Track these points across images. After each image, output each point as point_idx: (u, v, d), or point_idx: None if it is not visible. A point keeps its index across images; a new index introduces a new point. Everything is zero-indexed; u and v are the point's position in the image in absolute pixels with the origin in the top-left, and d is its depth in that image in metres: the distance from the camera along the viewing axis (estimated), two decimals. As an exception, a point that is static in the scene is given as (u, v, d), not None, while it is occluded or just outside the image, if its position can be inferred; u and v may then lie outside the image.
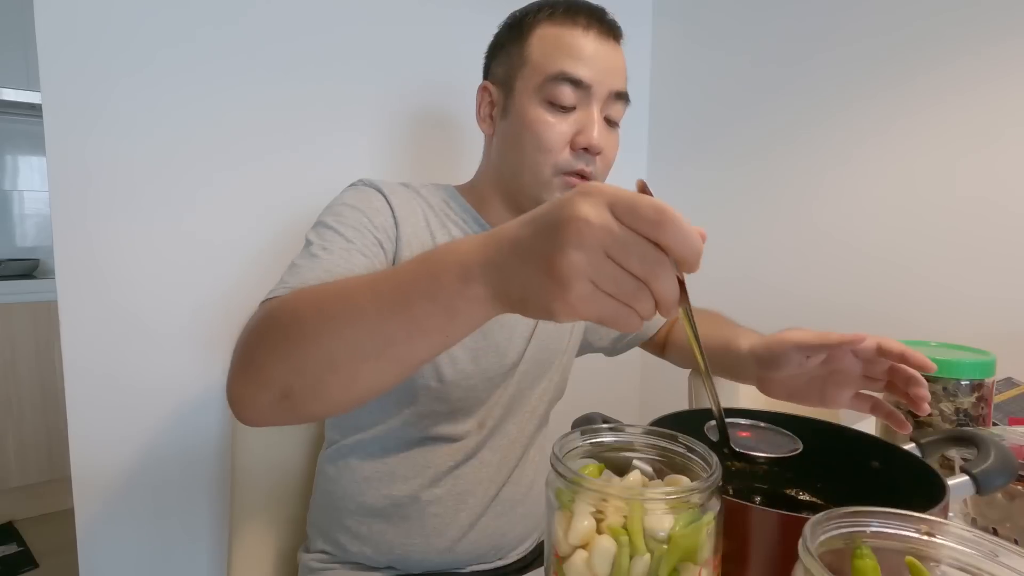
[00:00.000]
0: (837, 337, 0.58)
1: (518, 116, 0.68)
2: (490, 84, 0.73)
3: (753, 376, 0.70)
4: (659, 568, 0.34)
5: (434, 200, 0.74)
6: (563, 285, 0.34)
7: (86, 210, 0.87)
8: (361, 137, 1.11)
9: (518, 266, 0.36)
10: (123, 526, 0.93)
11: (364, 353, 0.43)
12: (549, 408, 0.83)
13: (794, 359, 0.62)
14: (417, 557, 0.70)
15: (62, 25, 0.83)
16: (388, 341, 0.42)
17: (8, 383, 2.03)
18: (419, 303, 0.40)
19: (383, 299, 0.42)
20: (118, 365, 0.90)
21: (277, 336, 0.47)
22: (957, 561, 0.31)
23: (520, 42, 0.69)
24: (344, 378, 0.44)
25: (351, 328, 0.43)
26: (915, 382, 0.57)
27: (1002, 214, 1.00)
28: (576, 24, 0.66)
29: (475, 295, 0.38)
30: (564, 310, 0.35)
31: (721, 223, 1.45)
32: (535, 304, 0.36)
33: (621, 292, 0.34)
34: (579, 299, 0.34)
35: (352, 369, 0.43)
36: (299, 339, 0.45)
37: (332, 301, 0.45)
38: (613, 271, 0.34)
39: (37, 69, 0.82)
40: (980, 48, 1.02)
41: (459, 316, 0.39)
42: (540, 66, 0.67)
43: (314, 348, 0.44)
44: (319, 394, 0.45)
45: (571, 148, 0.67)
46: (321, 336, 0.44)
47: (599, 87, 0.66)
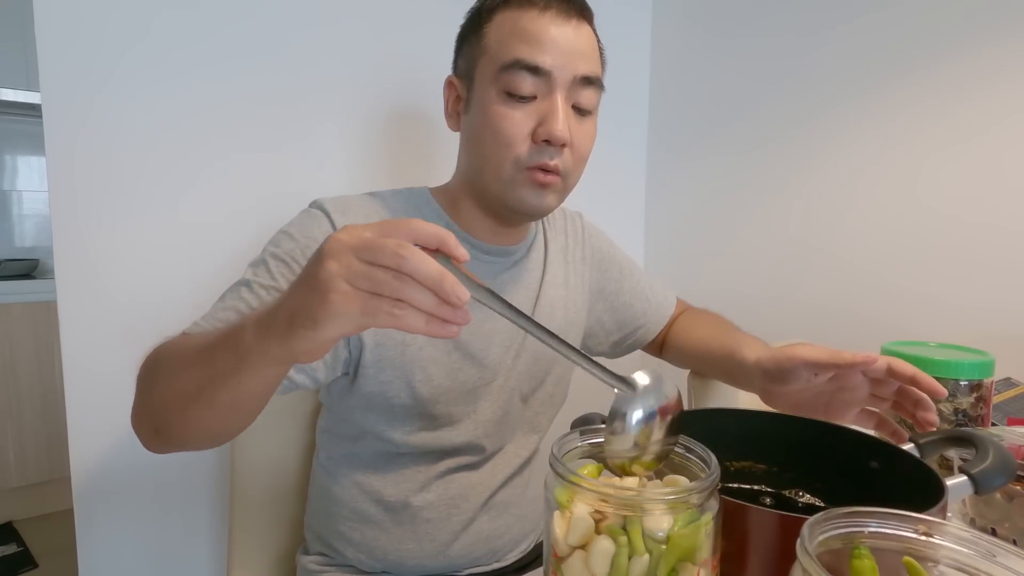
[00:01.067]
0: (849, 357, 0.57)
1: (478, 109, 0.64)
2: (455, 78, 0.69)
3: (758, 387, 0.69)
4: (658, 568, 0.34)
5: (403, 208, 0.70)
6: (322, 290, 0.38)
7: (85, 210, 0.87)
8: (355, 139, 1.11)
9: (286, 298, 0.42)
10: (123, 526, 0.93)
11: (188, 396, 0.49)
12: (549, 421, 0.81)
13: (802, 376, 0.62)
14: (411, 562, 0.70)
15: (62, 25, 0.83)
16: (199, 385, 0.48)
17: (8, 383, 2.02)
18: (217, 352, 0.47)
19: (201, 351, 0.49)
20: (118, 365, 0.90)
21: (143, 381, 0.55)
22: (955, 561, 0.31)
23: (479, 31, 0.65)
24: (181, 416, 0.51)
25: (179, 376, 0.50)
26: (924, 406, 0.57)
27: (1002, 215, 1.00)
28: (532, 5, 0.61)
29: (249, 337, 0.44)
30: (324, 310, 0.38)
31: (721, 221, 1.45)
32: (300, 316, 0.40)
33: (379, 286, 0.37)
34: (338, 298, 0.38)
35: (184, 408, 0.50)
36: (154, 384, 0.53)
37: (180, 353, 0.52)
38: (362, 268, 0.37)
39: (37, 69, 0.82)
40: (979, 47, 1.02)
41: (242, 362, 0.45)
42: (496, 54, 0.62)
43: (160, 391, 0.52)
44: (173, 429, 0.52)
45: (532, 141, 0.62)
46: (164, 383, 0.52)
47: (561, 72, 0.61)
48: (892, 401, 0.60)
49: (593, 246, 0.86)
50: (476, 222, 0.71)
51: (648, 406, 0.43)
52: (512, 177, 0.64)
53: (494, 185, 0.65)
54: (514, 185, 0.64)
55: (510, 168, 0.63)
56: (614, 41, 0.84)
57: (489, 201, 0.68)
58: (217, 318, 0.59)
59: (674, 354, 0.90)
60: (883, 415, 0.63)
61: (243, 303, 0.59)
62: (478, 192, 0.68)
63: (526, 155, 0.62)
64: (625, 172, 1.59)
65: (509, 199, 0.65)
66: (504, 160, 0.63)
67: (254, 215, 1.00)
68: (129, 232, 0.90)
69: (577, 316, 0.81)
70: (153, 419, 0.53)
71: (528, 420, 0.77)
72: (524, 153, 0.62)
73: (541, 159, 0.62)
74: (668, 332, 0.92)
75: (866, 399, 0.62)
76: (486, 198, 0.68)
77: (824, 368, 0.60)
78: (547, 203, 0.66)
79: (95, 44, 0.85)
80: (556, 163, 0.63)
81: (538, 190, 0.64)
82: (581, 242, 0.85)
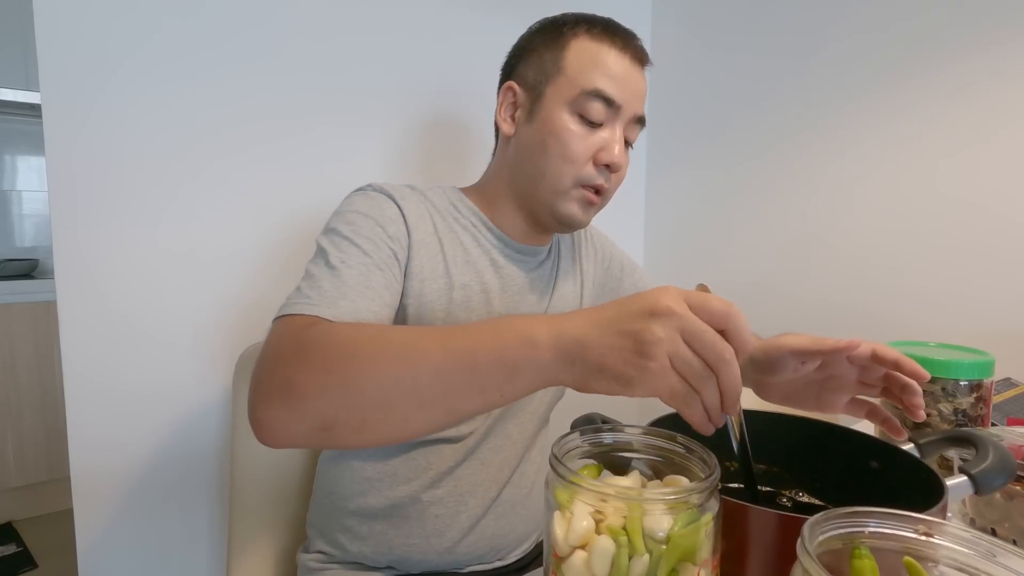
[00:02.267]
0: (832, 343, 0.58)
1: (545, 122, 0.68)
2: (516, 85, 0.72)
3: (750, 380, 0.70)
4: (658, 568, 0.34)
5: (440, 203, 0.73)
6: (647, 356, 0.39)
7: (85, 210, 0.87)
8: (360, 142, 1.11)
9: (599, 339, 0.41)
10: (122, 526, 0.93)
11: (421, 400, 0.44)
12: (549, 409, 0.83)
13: (789, 364, 0.62)
14: (417, 557, 0.71)
15: (61, 25, 0.83)
16: (447, 391, 0.44)
17: (7, 383, 2.02)
18: (485, 358, 0.43)
19: (451, 350, 0.44)
20: (117, 365, 0.90)
21: (324, 367, 0.46)
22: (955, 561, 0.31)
23: (556, 50, 0.69)
24: (395, 420, 0.45)
25: (414, 372, 0.44)
26: (910, 390, 0.57)
27: (1002, 215, 1.00)
28: (614, 45, 0.67)
29: (542, 359, 0.42)
30: (641, 378, 0.39)
31: (720, 222, 1.45)
32: (612, 371, 0.40)
33: (691, 374, 0.39)
34: (657, 370, 0.39)
35: (405, 413, 0.45)
36: (352, 375, 0.45)
37: (394, 342, 0.46)
38: (686, 353, 0.39)
39: (36, 69, 0.82)
40: (980, 47, 1.02)
41: (519, 377, 0.43)
42: (576, 79, 0.67)
43: (369, 387, 0.44)
44: (364, 430, 0.45)
45: (593, 163, 0.68)
46: (378, 375, 0.45)
47: (627, 108, 0.68)
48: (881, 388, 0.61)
49: (596, 245, 0.90)
50: (511, 223, 0.75)
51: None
52: (568, 190, 0.69)
53: (548, 195, 0.70)
54: (569, 199, 0.70)
55: (569, 182, 0.69)
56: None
57: (536, 208, 0.72)
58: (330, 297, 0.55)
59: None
60: (874, 404, 0.63)
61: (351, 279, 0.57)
62: (525, 197, 0.73)
63: (587, 174, 0.69)
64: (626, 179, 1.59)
65: (560, 210, 0.70)
66: (566, 173, 0.68)
67: (255, 217, 1.00)
68: (128, 232, 0.90)
69: None
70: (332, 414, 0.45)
71: (532, 409, 0.79)
72: (586, 172, 0.68)
73: (598, 180, 0.69)
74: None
75: (855, 386, 0.62)
76: (534, 205, 0.72)
77: (809, 355, 0.61)
78: (589, 218, 0.73)
79: (95, 43, 0.85)
80: (608, 185, 0.70)
81: (586, 207, 0.71)
82: (586, 242, 0.89)
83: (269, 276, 1.02)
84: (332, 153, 1.08)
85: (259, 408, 0.47)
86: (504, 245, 0.75)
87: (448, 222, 0.72)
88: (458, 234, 0.72)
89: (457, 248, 0.71)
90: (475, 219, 0.74)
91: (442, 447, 0.71)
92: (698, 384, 0.39)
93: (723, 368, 0.39)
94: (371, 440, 0.46)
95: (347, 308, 0.54)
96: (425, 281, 0.67)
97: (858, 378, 0.61)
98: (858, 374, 0.61)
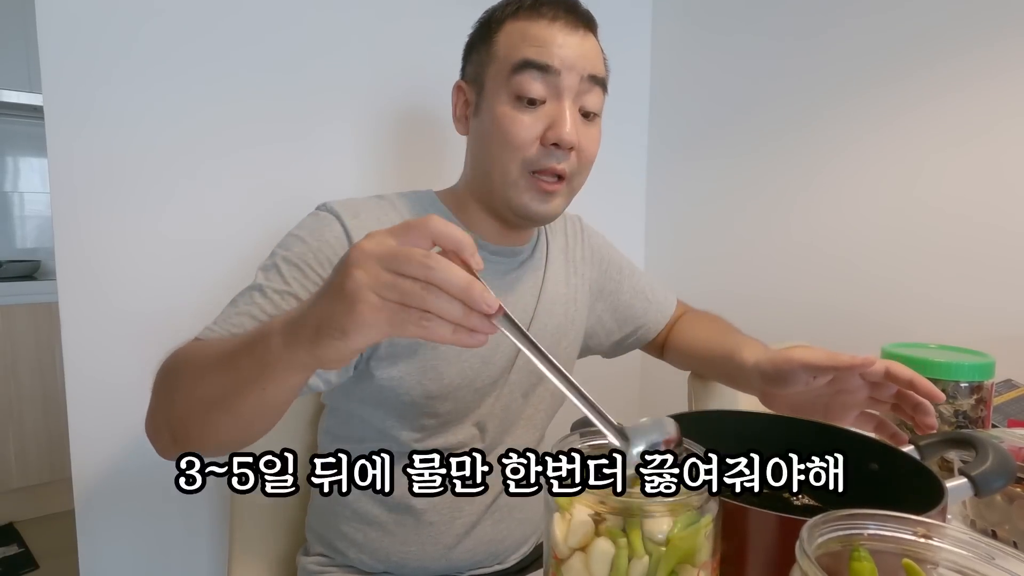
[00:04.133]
0: (847, 360, 0.58)
1: (487, 114, 0.66)
2: (464, 83, 0.71)
3: (757, 390, 0.69)
4: (657, 570, 0.35)
5: (412, 211, 0.71)
6: (351, 301, 0.38)
7: (87, 212, 0.87)
8: (361, 140, 1.11)
9: (312, 306, 0.42)
10: (123, 528, 0.93)
11: (209, 403, 0.49)
12: (548, 417, 0.82)
13: (800, 378, 0.62)
14: (414, 564, 0.70)
15: (64, 27, 0.83)
16: (222, 392, 0.48)
17: (9, 384, 2.03)
18: (241, 358, 0.47)
19: (223, 358, 0.49)
20: (119, 366, 0.90)
21: (160, 388, 0.55)
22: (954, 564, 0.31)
23: (488, 39, 0.67)
24: (200, 424, 0.51)
25: (200, 382, 0.50)
26: (923, 410, 0.56)
27: (1002, 215, 1.00)
28: (542, 16, 0.64)
29: (274, 345, 0.44)
30: (354, 323, 0.38)
31: (721, 222, 1.45)
32: (328, 326, 0.40)
33: (407, 297, 0.38)
34: (367, 310, 0.38)
35: (204, 416, 0.50)
36: (172, 392, 0.52)
37: (200, 359, 0.52)
38: (389, 279, 0.38)
39: (38, 71, 0.82)
40: (980, 46, 1.02)
41: (269, 371, 0.45)
42: (506, 59, 0.64)
43: (179, 398, 0.52)
44: (192, 436, 0.52)
45: (541, 144, 0.63)
46: (184, 390, 0.51)
47: (568, 74, 0.63)
48: (891, 404, 0.60)
49: (592, 246, 0.87)
50: (483, 224, 0.72)
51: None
52: (517, 180, 0.65)
53: (500, 188, 0.66)
54: (519, 189, 0.65)
55: (516, 170, 0.65)
56: (614, 40, 0.84)
57: (495, 205, 0.69)
58: (231, 323, 0.59)
59: (675, 355, 0.90)
60: (882, 418, 0.63)
61: (257, 308, 0.59)
62: (485, 195, 0.70)
63: (534, 158, 0.64)
64: (625, 173, 1.59)
65: (514, 203, 0.66)
66: (511, 162, 0.64)
67: (256, 217, 1.00)
68: (130, 233, 0.90)
69: (578, 315, 0.82)
70: (171, 427, 0.53)
71: (528, 417, 0.78)
72: (532, 156, 0.64)
73: (549, 162, 0.64)
74: (669, 333, 0.92)
75: (865, 402, 0.62)
76: (492, 202, 0.69)
77: (822, 371, 0.60)
78: (552, 208, 0.68)
79: (97, 46, 0.86)
80: (563, 167, 0.65)
81: (542, 196, 0.66)
82: (581, 242, 0.86)
83: (270, 277, 1.02)
84: (333, 154, 1.08)
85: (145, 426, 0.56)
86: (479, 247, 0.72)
87: None
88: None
89: None
90: None
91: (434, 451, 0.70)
92: (420, 302, 0.37)
93: (433, 275, 0.37)
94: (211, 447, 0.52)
95: (237, 335, 0.57)
96: None
97: (869, 394, 0.61)
98: (869, 390, 0.61)
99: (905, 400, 0.59)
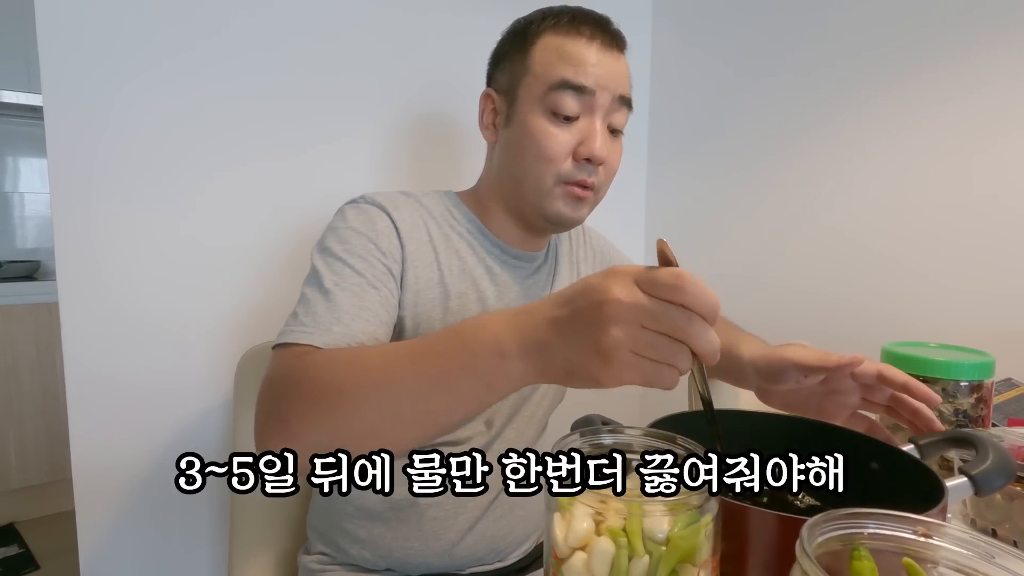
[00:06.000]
0: (835, 360, 0.58)
1: (520, 126, 0.68)
2: (493, 92, 0.73)
3: (753, 385, 0.70)
4: (658, 570, 0.35)
5: (436, 209, 0.73)
6: (607, 358, 0.38)
7: (87, 212, 0.87)
8: (363, 141, 1.11)
9: (561, 344, 0.40)
10: (124, 527, 0.93)
11: (405, 422, 0.46)
12: (548, 413, 0.83)
13: (792, 376, 0.62)
14: (416, 560, 0.71)
15: (63, 28, 0.83)
16: (428, 411, 0.45)
17: (9, 385, 2.03)
18: (458, 377, 0.44)
19: (424, 374, 0.45)
20: (119, 366, 0.90)
21: (311, 400, 0.48)
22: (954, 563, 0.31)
23: (523, 51, 0.68)
24: (386, 442, 0.46)
25: (392, 400, 0.45)
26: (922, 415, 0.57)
27: (1002, 213, 1.00)
28: (580, 34, 0.66)
29: (514, 371, 0.42)
30: (609, 378, 0.39)
31: (721, 222, 1.45)
32: (581, 375, 0.40)
33: (661, 355, 0.38)
34: (622, 367, 0.38)
35: (394, 435, 0.46)
36: (338, 407, 0.46)
37: (371, 371, 0.47)
38: (650, 338, 0.38)
39: (38, 71, 0.82)
40: (982, 48, 1.02)
41: (496, 388, 0.43)
42: (543, 75, 0.66)
43: (355, 417, 0.46)
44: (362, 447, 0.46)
45: (573, 159, 0.66)
46: (362, 406, 0.46)
47: (602, 94, 0.65)
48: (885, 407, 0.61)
49: (595, 248, 0.89)
50: (505, 228, 0.74)
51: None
52: (551, 189, 0.68)
53: (533, 197, 0.69)
54: (553, 197, 0.68)
55: (550, 181, 0.67)
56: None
57: (525, 211, 0.71)
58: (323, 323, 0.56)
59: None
60: (875, 421, 0.63)
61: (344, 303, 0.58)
62: (514, 202, 0.72)
63: (568, 171, 0.67)
64: (626, 172, 1.58)
65: (547, 210, 0.69)
66: (546, 174, 0.67)
67: (256, 217, 1.00)
68: (130, 234, 0.90)
69: None
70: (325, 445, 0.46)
71: (530, 413, 0.78)
72: (566, 169, 0.67)
73: (581, 176, 0.67)
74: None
75: (857, 404, 0.62)
76: (522, 208, 0.71)
77: (812, 371, 0.61)
78: (581, 215, 0.71)
79: (97, 46, 0.85)
80: (593, 180, 0.68)
81: (574, 203, 0.69)
82: (584, 244, 0.88)
83: (271, 277, 1.03)
84: (335, 153, 1.08)
85: (261, 443, 0.50)
86: (500, 251, 0.74)
87: (444, 229, 0.72)
88: (453, 242, 0.71)
89: (452, 256, 0.71)
90: (471, 226, 0.74)
91: (436, 446, 0.71)
92: (670, 359, 0.38)
93: (692, 338, 0.38)
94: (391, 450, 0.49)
95: (341, 333, 0.55)
96: (420, 292, 0.67)
97: (862, 396, 0.61)
98: (862, 392, 0.61)
99: (901, 405, 0.59)
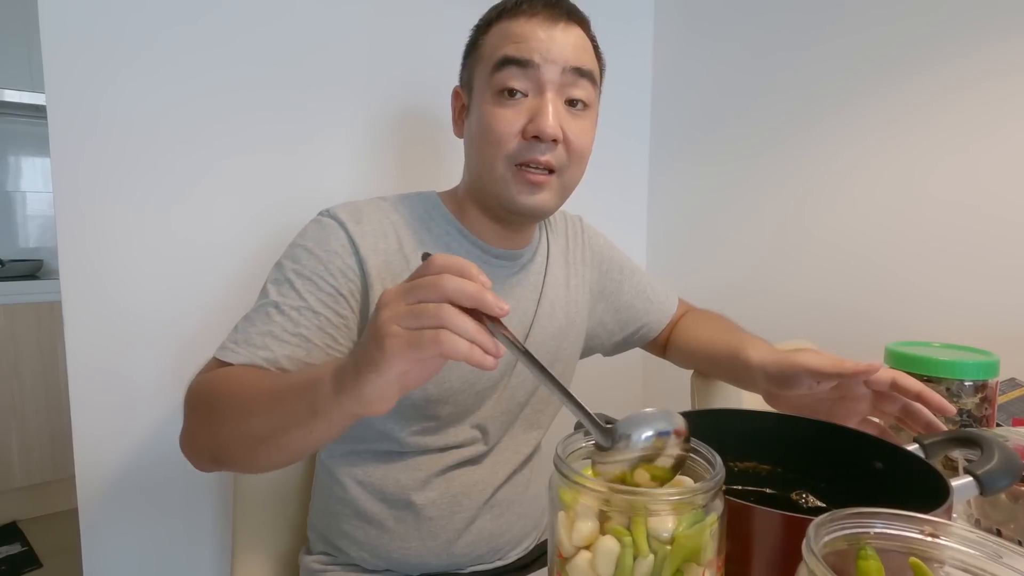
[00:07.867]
0: (851, 367, 0.58)
1: (475, 114, 0.67)
2: (460, 88, 0.73)
3: (761, 389, 0.70)
4: (663, 569, 0.34)
5: (414, 213, 0.71)
6: (379, 338, 0.42)
7: (90, 211, 0.87)
8: (363, 140, 1.11)
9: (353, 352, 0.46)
10: (127, 526, 0.93)
11: (258, 439, 0.52)
12: (550, 417, 0.82)
13: (804, 382, 0.62)
14: (414, 560, 0.70)
15: (66, 27, 0.83)
16: (270, 430, 0.51)
17: (12, 383, 2.03)
18: (292, 402, 0.49)
19: (272, 398, 0.52)
20: (122, 365, 0.90)
21: (202, 413, 0.57)
22: (961, 562, 0.31)
23: (478, 42, 0.68)
24: (249, 454, 0.54)
25: (248, 419, 0.52)
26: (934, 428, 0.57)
27: (1007, 214, 1.00)
28: (521, 13, 0.64)
29: (323, 391, 0.46)
30: (382, 353, 0.42)
31: (723, 221, 1.45)
32: (364, 364, 0.43)
33: (424, 321, 0.40)
34: (392, 341, 0.41)
35: (253, 449, 0.53)
36: (216, 421, 0.55)
37: (244, 394, 0.54)
38: (412, 309, 0.41)
39: (41, 70, 0.82)
40: (981, 46, 1.02)
41: (320, 415, 0.47)
42: (489, 58, 0.65)
43: (226, 430, 0.54)
44: (238, 463, 0.57)
45: (522, 137, 0.63)
46: (228, 422, 0.54)
47: (549, 67, 0.62)
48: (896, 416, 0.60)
49: (593, 248, 0.87)
50: (483, 226, 0.72)
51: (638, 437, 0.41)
52: (503, 174, 0.65)
53: (489, 185, 0.67)
54: (505, 183, 0.65)
55: (502, 166, 0.65)
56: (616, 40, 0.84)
57: (491, 204, 0.69)
58: (254, 345, 0.60)
59: (678, 354, 0.90)
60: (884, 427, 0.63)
61: (278, 327, 0.60)
62: (479, 195, 0.70)
63: (516, 151, 0.64)
64: (627, 172, 1.59)
65: (502, 197, 0.66)
66: (496, 158, 0.64)
67: (258, 217, 1.00)
68: (133, 233, 0.90)
69: (578, 316, 0.82)
70: (214, 452, 0.56)
71: (528, 417, 0.78)
72: (514, 149, 0.64)
73: (531, 155, 0.63)
74: (671, 332, 0.92)
75: (868, 410, 0.62)
76: (487, 201, 0.69)
77: (826, 377, 0.60)
78: (542, 202, 0.67)
79: (100, 45, 0.85)
80: (547, 159, 0.64)
81: (530, 188, 0.65)
82: (581, 244, 0.86)
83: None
84: (336, 154, 1.08)
85: (180, 445, 0.60)
86: (481, 252, 0.72)
87: (420, 235, 0.70)
88: (428, 247, 0.69)
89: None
90: (449, 227, 0.72)
91: (434, 449, 0.70)
92: (435, 321, 0.40)
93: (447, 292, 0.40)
94: (253, 469, 0.59)
95: (265, 358, 0.59)
96: None
97: (874, 403, 0.61)
98: (874, 399, 0.61)
99: (914, 418, 0.58)
